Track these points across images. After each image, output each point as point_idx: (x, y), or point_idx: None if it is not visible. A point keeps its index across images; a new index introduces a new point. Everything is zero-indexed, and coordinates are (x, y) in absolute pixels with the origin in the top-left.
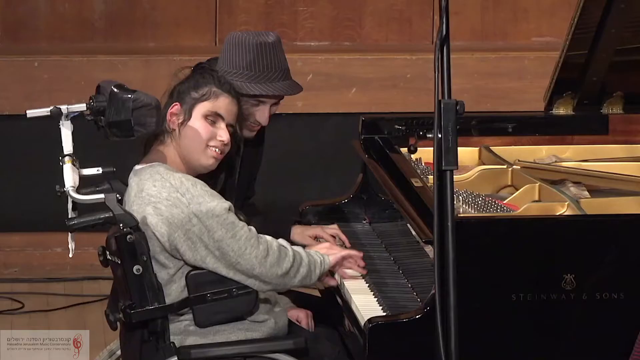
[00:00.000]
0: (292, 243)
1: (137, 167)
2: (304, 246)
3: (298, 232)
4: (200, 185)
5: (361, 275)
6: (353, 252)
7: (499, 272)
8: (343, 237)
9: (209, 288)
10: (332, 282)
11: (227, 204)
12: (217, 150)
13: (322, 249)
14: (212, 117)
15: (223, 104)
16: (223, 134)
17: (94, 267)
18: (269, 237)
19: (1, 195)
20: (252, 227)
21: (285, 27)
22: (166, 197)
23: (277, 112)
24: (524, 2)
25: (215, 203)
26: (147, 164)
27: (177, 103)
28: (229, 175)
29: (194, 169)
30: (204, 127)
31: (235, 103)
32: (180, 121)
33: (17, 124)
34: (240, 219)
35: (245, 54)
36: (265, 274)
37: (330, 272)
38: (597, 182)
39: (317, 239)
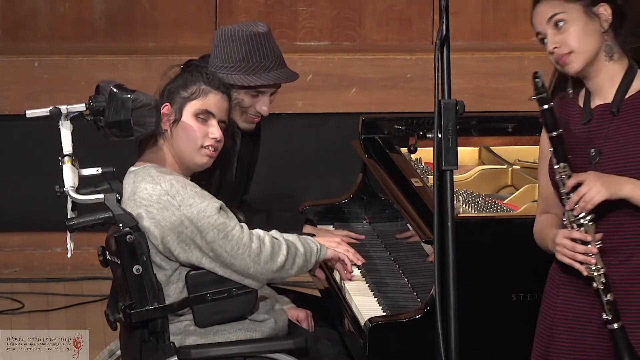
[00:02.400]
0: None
1: (131, 168)
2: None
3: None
4: (191, 187)
5: (361, 275)
6: (348, 263)
7: (499, 272)
8: (354, 235)
9: (209, 288)
10: (321, 275)
11: (218, 203)
12: (210, 148)
13: (332, 242)
14: (203, 115)
15: (213, 100)
16: (215, 131)
17: (94, 267)
18: (260, 232)
19: (1, 195)
20: (244, 225)
21: (285, 27)
22: (157, 200)
23: (277, 112)
24: (524, 2)
25: (205, 204)
26: (141, 166)
27: (167, 103)
28: (225, 172)
29: (189, 168)
30: (195, 126)
31: (226, 99)
32: (171, 121)
33: (17, 124)
34: (240, 219)
35: (239, 47)
36: (260, 272)
37: (329, 268)
38: None
39: None
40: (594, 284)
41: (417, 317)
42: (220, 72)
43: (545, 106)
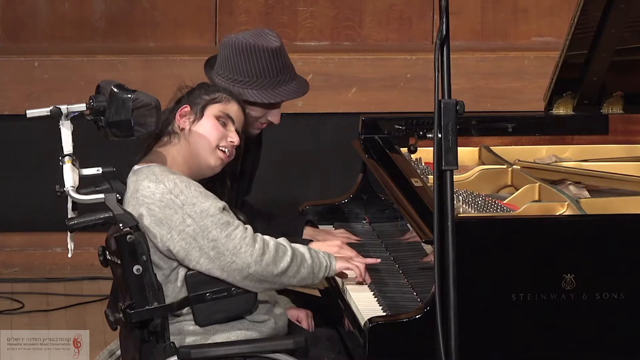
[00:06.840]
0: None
1: (135, 167)
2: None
3: (309, 234)
4: (194, 187)
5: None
6: (360, 264)
7: (499, 272)
8: (354, 238)
9: (209, 287)
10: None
11: (221, 203)
12: (226, 151)
13: (333, 247)
14: (224, 119)
15: (234, 109)
16: (234, 137)
17: (94, 267)
18: (267, 236)
19: (1, 195)
20: (249, 226)
21: (285, 27)
22: (160, 198)
23: None
24: (524, 2)
25: (209, 203)
26: (145, 165)
27: (187, 105)
28: (236, 181)
29: (199, 169)
30: (216, 127)
31: (242, 112)
32: (191, 120)
33: (17, 124)
34: (240, 219)
35: (255, 61)
36: (260, 273)
37: None
38: (597, 182)
39: None
40: None
41: (417, 317)
42: (235, 86)
43: None
